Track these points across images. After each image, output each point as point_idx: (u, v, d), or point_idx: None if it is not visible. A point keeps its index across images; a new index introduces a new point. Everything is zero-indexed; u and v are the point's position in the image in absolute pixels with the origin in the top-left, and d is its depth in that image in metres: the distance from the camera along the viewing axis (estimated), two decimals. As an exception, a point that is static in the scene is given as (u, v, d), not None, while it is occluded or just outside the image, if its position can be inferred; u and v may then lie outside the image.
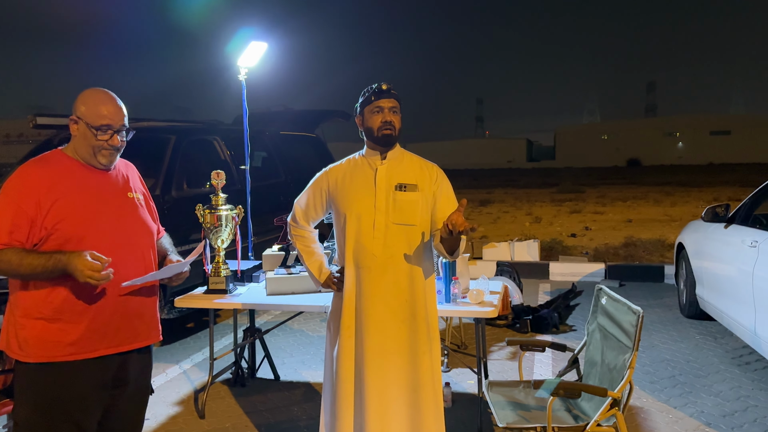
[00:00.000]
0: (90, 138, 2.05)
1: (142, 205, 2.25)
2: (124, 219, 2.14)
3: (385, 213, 2.46)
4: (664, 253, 8.44)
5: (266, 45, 4.90)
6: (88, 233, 2.02)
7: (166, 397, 4.01)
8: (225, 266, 3.70)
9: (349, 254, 2.50)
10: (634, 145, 76.39)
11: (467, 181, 31.02)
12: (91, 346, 2.04)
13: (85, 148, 2.07)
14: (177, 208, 4.89)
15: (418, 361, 2.48)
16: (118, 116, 2.07)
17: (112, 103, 2.08)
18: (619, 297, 2.73)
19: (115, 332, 2.09)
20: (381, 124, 2.47)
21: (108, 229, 2.07)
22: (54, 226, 1.97)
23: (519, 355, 3.10)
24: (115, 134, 2.07)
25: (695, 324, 5.34)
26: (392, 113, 2.48)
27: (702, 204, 15.48)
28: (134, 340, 2.16)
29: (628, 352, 2.49)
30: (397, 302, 2.47)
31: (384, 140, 2.49)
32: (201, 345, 5.09)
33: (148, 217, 2.25)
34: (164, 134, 5.46)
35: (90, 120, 2.04)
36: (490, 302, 3.31)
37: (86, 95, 2.07)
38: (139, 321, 2.18)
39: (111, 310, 2.08)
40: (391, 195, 2.46)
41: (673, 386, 4.02)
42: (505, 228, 12.16)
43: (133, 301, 2.13)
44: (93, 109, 2.04)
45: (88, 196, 2.06)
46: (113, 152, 2.10)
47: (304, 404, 3.85)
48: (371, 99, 2.49)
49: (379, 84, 2.51)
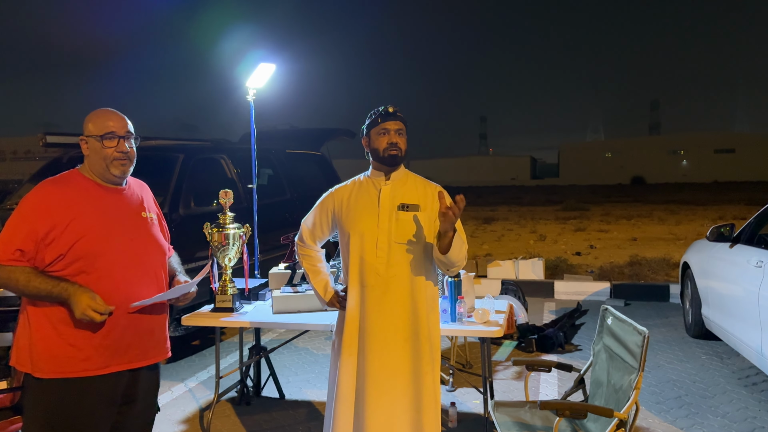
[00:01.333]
0: (100, 150, 2.12)
1: (155, 224, 2.30)
2: (138, 238, 2.19)
3: (388, 232, 2.50)
4: (669, 272, 8.42)
5: (274, 66, 4.96)
6: (104, 251, 2.06)
7: (172, 415, 4.01)
8: (232, 284, 3.73)
9: (354, 273, 2.54)
10: (638, 163, 76.42)
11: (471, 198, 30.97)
12: (102, 363, 2.07)
13: (98, 163, 2.14)
14: (184, 226, 4.93)
15: (421, 381, 2.49)
16: (121, 124, 2.16)
17: (115, 115, 2.18)
18: (624, 317, 2.74)
19: (126, 349, 2.13)
20: (387, 146, 2.53)
21: (122, 248, 2.12)
22: (71, 245, 2.01)
23: (525, 375, 3.10)
24: (121, 140, 2.14)
25: (701, 344, 5.33)
26: (398, 135, 2.55)
27: (707, 222, 15.45)
28: (144, 357, 2.20)
29: (634, 372, 2.49)
30: (401, 321, 2.49)
31: (390, 160, 2.54)
32: (206, 363, 5.09)
33: (160, 236, 2.31)
34: (172, 153, 5.52)
35: (96, 132, 2.13)
36: (496, 321, 3.32)
37: (92, 114, 2.18)
38: (150, 338, 2.21)
39: (123, 327, 2.11)
40: (394, 215, 2.50)
41: (679, 407, 4.01)
42: (509, 246, 12.16)
43: (144, 318, 2.17)
44: (98, 124, 2.14)
45: (103, 215, 2.12)
46: (125, 161, 2.16)
47: (309, 423, 3.84)
48: (378, 121, 2.55)
49: (386, 107, 2.58)
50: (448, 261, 2.44)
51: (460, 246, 2.44)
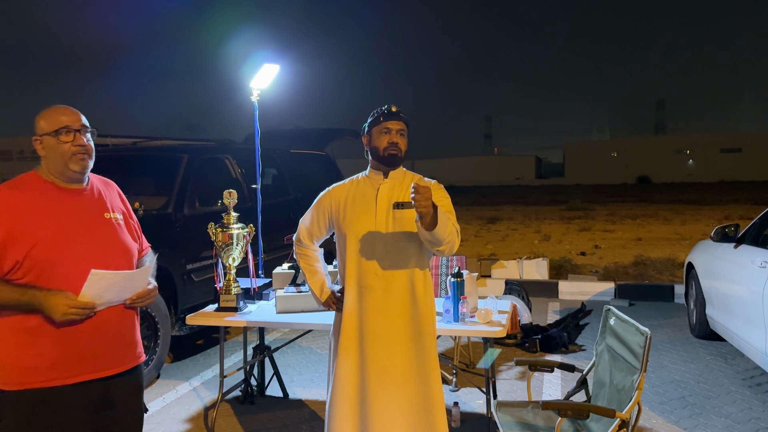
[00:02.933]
0: (56, 146, 2.02)
1: (121, 225, 2.18)
2: (100, 240, 2.08)
3: (386, 231, 2.50)
4: (674, 272, 8.40)
5: (278, 67, 4.98)
6: (62, 257, 1.97)
7: (177, 414, 4.03)
8: (236, 284, 3.75)
9: (351, 273, 2.54)
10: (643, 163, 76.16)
11: (475, 197, 31.03)
12: (69, 372, 1.99)
13: (56, 161, 2.03)
14: (189, 225, 4.95)
15: (429, 379, 2.51)
16: (75, 117, 2.06)
17: (67, 109, 2.07)
18: (627, 318, 2.74)
19: (94, 357, 2.03)
20: (387, 145, 2.52)
21: (83, 252, 2.01)
22: (27, 252, 1.93)
23: (528, 375, 3.10)
24: (77, 134, 2.04)
25: (705, 344, 5.31)
26: (399, 135, 2.54)
27: (713, 222, 15.40)
28: (115, 365, 2.10)
29: (636, 373, 2.49)
30: (402, 320, 2.50)
31: (389, 160, 2.54)
32: (211, 362, 5.11)
33: (126, 237, 2.19)
34: (177, 153, 5.54)
35: (50, 129, 2.03)
36: (499, 322, 3.33)
37: (42, 112, 2.07)
38: (119, 345, 2.12)
39: (89, 335, 2.01)
40: (391, 214, 2.50)
41: (682, 407, 4.00)
42: (513, 246, 12.15)
43: (111, 324, 2.07)
44: (51, 120, 2.04)
45: (61, 219, 2.02)
46: (84, 156, 2.05)
47: (313, 422, 3.86)
48: (380, 120, 2.54)
49: (389, 106, 2.57)
50: (434, 238, 2.34)
51: (446, 223, 2.35)
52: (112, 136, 6.82)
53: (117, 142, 6.77)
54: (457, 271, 3.40)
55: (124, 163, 5.81)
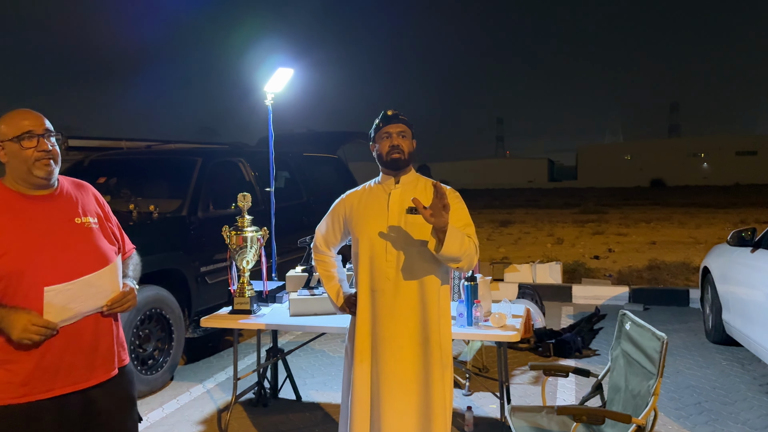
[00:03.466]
0: (18, 152, 1.94)
1: (93, 230, 2.08)
2: (70, 248, 1.98)
3: (398, 236, 2.50)
4: (689, 276, 8.32)
5: (292, 71, 5.00)
6: (29, 268, 1.89)
7: (191, 416, 4.05)
8: (249, 287, 3.76)
9: (363, 278, 2.54)
10: (657, 166, 75.52)
11: (487, 200, 30.94)
12: (43, 386, 1.91)
13: (19, 167, 1.95)
14: (203, 228, 4.98)
15: (431, 387, 2.48)
16: (38, 122, 1.97)
17: (30, 113, 1.99)
18: (642, 322, 2.72)
19: (68, 370, 1.95)
20: (389, 149, 2.52)
21: (51, 262, 1.93)
22: None
23: (542, 380, 3.08)
24: (41, 138, 1.95)
25: (721, 350, 5.26)
26: (400, 137, 2.53)
27: (728, 226, 15.24)
28: (90, 377, 2.01)
29: (652, 378, 2.47)
30: (412, 324, 2.49)
31: (393, 164, 2.53)
32: (224, 364, 5.14)
33: (101, 242, 2.09)
34: (191, 156, 5.58)
35: (12, 134, 1.94)
36: (513, 326, 3.31)
37: (3, 117, 1.99)
38: (94, 356, 2.02)
39: (62, 347, 1.94)
40: (403, 218, 2.49)
41: (698, 413, 3.96)
42: (526, 249, 12.10)
43: (85, 335, 1.99)
44: (12, 125, 1.96)
45: (28, 228, 1.94)
46: (48, 161, 1.96)
47: (325, 425, 3.86)
48: (380, 125, 2.56)
49: (385, 111, 2.58)
50: (446, 257, 2.34)
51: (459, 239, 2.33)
52: (126, 139, 6.89)
53: (131, 145, 6.84)
54: (471, 275, 3.39)
55: (138, 166, 5.87)
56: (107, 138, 6.89)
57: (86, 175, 5.51)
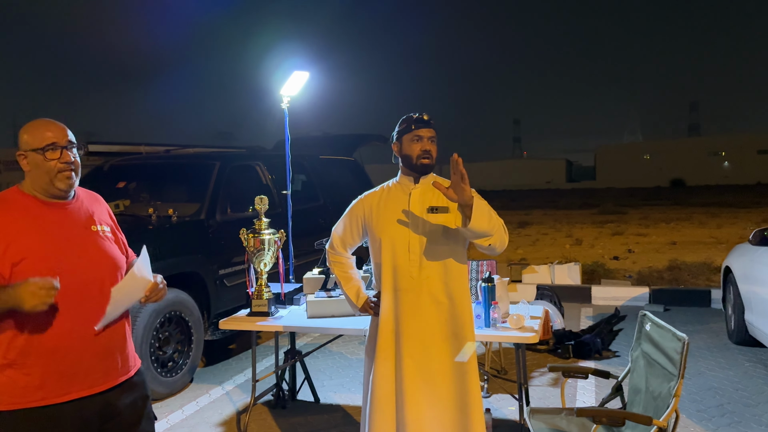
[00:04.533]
0: (42, 163, 1.97)
1: (108, 238, 2.14)
2: (86, 254, 2.03)
3: (420, 235, 2.52)
4: (710, 276, 8.21)
5: (308, 74, 5.03)
6: (46, 273, 1.90)
7: (210, 417, 4.08)
8: (267, 289, 3.78)
9: (387, 278, 2.56)
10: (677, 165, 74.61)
11: (505, 202, 30.78)
12: (61, 390, 1.94)
13: (41, 177, 1.99)
14: (221, 231, 5.02)
15: (466, 379, 2.51)
16: (61, 134, 2.00)
17: (53, 125, 2.02)
18: (663, 323, 2.69)
19: (86, 373, 1.99)
20: (420, 153, 2.55)
21: (69, 266, 1.97)
22: (12, 269, 1.90)
23: (561, 381, 3.06)
24: (64, 150, 1.98)
25: (744, 350, 5.18)
26: (430, 142, 2.57)
27: (750, 226, 15.00)
28: (107, 380, 2.04)
29: (673, 379, 2.44)
30: (438, 321, 2.51)
31: (422, 168, 2.57)
32: (243, 366, 5.17)
33: (114, 250, 2.15)
34: (209, 160, 5.63)
35: (36, 145, 1.97)
36: (531, 327, 3.29)
37: (27, 126, 2.02)
38: (111, 359, 2.06)
39: (79, 351, 1.97)
40: (425, 217, 2.52)
41: (721, 415, 3.90)
42: (544, 251, 12.01)
43: (101, 339, 2.02)
44: (35, 135, 1.98)
45: (46, 234, 1.98)
46: (70, 173, 2.00)
47: (344, 427, 3.87)
48: (412, 128, 2.56)
49: (420, 114, 2.60)
50: (476, 232, 2.37)
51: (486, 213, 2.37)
52: (145, 144, 6.96)
53: (150, 150, 6.91)
54: (488, 276, 3.38)
55: (157, 170, 5.93)
56: (127, 143, 6.97)
57: (106, 179, 5.60)
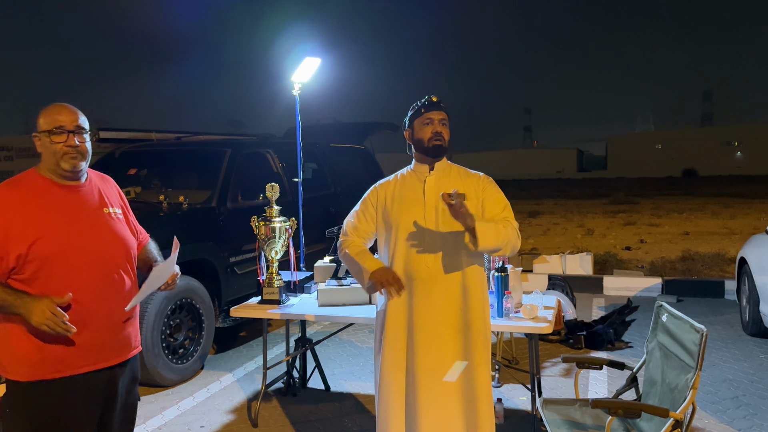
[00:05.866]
0: (49, 145, 2.05)
1: (120, 219, 2.22)
2: (99, 235, 2.11)
3: (436, 223, 2.48)
4: (724, 267, 8.12)
5: (320, 60, 4.98)
6: (63, 252, 2.00)
7: (221, 404, 4.09)
8: (278, 277, 3.77)
9: (399, 266, 2.52)
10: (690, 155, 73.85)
11: (515, 191, 30.63)
12: (78, 363, 2.04)
13: (49, 159, 2.07)
14: (232, 219, 5.01)
15: (474, 372, 2.48)
16: (71, 118, 2.07)
17: (65, 109, 2.09)
18: (680, 314, 2.65)
19: (100, 348, 2.09)
20: (432, 135, 2.51)
21: (83, 247, 2.05)
22: (29, 248, 1.96)
23: (575, 372, 3.03)
24: (71, 135, 2.05)
25: (759, 342, 5.12)
26: (442, 125, 2.53)
27: (764, 216, 14.84)
28: (119, 354, 2.16)
29: (690, 371, 2.41)
30: (452, 311, 2.48)
31: (434, 151, 2.52)
32: (253, 354, 5.17)
33: (125, 231, 2.23)
34: (220, 148, 5.61)
35: (45, 127, 2.05)
36: (545, 317, 3.26)
37: (43, 110, 2.09)
38: (123, 334, 2.17)
39: (95, 326, 2.06)
40: (441, 205, 2.47)
41: (736, 407, 3.86)
42: (555, 240, 11.94)
43: (116, 315, 2.12)
44: (48, 119, 2.06)
45: (61, 215, 2.05)
46: (75, 155, 2.06)
47: (355, 415, 3.86)
48: (422, 111, 2.53)
49: (429, 96, 2.56)
50: (485, 251, 2.41)
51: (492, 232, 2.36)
52: (156, 131, 6.95)
53: (161, 137, 6.90)
54: (501, 266, 3.35)
55: (168, 157, 5.92)
56: (138, 130, 6.95)
57: (117, 166, 5.59)
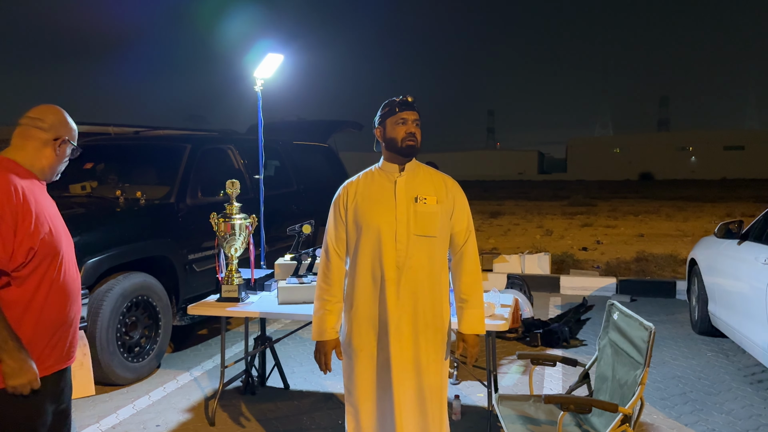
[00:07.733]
0: (63, 156, 2.08)
1: None
2: (66, 234, 2.14)
3: (407, 225, 2.47)
4: (676, 268, 8.39)
5: (282, 57, 4.96)
6: (58, 248, 2.02)
7: (177, 403, 4.04)
8: (238, 274, 3.74)
9: (365, 267, 2.49)
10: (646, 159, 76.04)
11: (477, 192, 30.99)
12: (50, 362, 2.05)
13: (52, 166, 2.07)
14: (191, 215, 4.94)
15: (424, 373, 2.50)
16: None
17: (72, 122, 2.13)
18: (631, 313, 2.73)
19: (67, 347, 2.11)
20: (405, 135, 2.49)
21: (66, 244, 2.09)
22: (38, 241, 1.94)
23: (530, 369, 3.10)
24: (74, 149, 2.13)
25: (707, 341, 5.31)
26: (415, 125, 2.52)
27: (715, 219, 15.37)
28: (72, 354, 2.18)
29: (639, 368, 2.49)
30: (417, 311, 2.49)
31: (407, 151, 2.51)
32: (212, 352, 5.11)
33: None
34: (179, 143, 5.52)
35: (72, 140, 2.07)
36: (501, 315, 3.32)
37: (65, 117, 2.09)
38: (76, 334, 2.19)
39: (68, 326, 2.09)
40: (411, 207, 2.48)
41: (684, 403, 4.00)
42: (515, 240, 12.14)
43: (77, 313, 2.16)
44: (73, 133, 2.08)
45: (48, 212, 2.05)
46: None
47: (314, 413, 3.86)
48: (396, 110, 2.51)
49: (404, 96, 2.55)
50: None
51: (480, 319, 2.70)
52: (114, 125, 6.80)
53: (119, 131, 6.75)
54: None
55: (126, 152, 5.81)
56: (95, 123, 6.78)
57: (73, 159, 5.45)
